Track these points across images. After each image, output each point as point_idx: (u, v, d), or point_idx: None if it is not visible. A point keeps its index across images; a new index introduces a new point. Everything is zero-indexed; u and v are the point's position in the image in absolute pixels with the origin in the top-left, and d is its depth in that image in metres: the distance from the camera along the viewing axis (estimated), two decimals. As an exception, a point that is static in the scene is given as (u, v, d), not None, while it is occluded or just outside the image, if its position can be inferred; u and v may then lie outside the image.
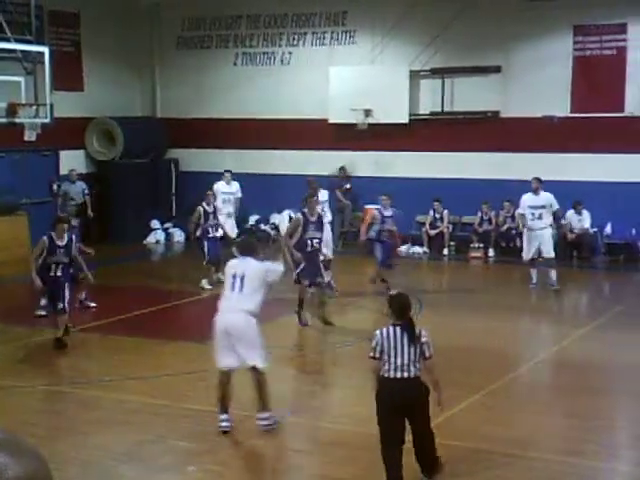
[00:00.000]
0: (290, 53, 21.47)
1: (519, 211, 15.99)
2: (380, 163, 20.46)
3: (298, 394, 10.27)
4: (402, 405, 6.76)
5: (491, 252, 19.21)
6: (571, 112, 18.90)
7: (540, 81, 18.91)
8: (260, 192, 20.68)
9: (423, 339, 6.86)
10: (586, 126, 18.65)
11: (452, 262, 19.34)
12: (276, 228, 15.90)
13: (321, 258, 12.83)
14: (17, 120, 16.53)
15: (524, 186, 16.44)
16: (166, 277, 17.37)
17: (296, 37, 21.38)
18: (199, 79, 22.14)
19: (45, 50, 16.97)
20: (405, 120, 19.87)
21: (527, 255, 15.53)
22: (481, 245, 19.27)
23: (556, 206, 15.51)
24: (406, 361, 6.75)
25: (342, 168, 20.56)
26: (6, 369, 10.86)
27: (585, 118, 18.68)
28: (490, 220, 19.39)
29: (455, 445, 8.08)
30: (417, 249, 19.71)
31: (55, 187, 19.79)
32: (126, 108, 21.88)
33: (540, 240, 15.28)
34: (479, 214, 19.47)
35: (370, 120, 19.97)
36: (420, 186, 19.75)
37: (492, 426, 8.62)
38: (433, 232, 19.67)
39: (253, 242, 9.00)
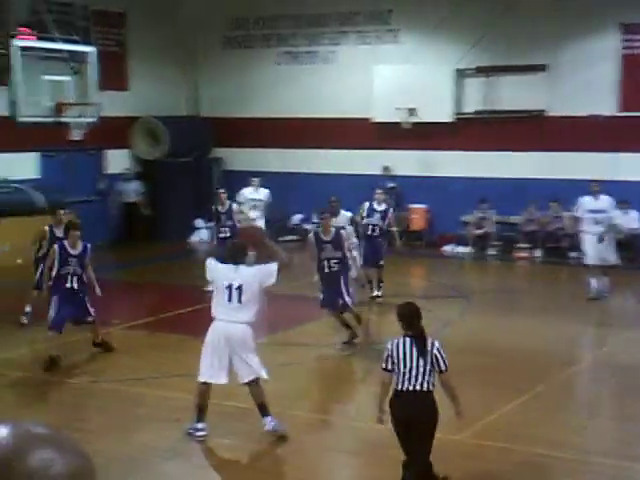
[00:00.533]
0: (333, 52, 21.42)
1: (576, 214, 15.15)
2: (424, 162, 20.33)
3: (341, 394, 10.21)
4: (409, 419, 6.51)
5: (537, 253, 18.96)
6: (618, 111, 18.62)
7: (586, 80, 18.66)
8: (304, 191, 20.65)
9: (435, 351, 6.55)
10: (633, 125, 18.36)
11: (497, 262, 19.15)
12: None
13: (353, 275, 12.07)
14: (64, 119, 16.68)
15: (570, 186, 16.21)
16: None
17: (339, 36, 21.32)
18: (242, 78, 22.18)
19: (91, 50, 17.12)
20: (450, 119, 19.72)
21: (591, 260, 14.68)
22: (527, 245, 19.05)
23: (614, 209, 14.88)
24: (414, 373, 6.49)
25: (386, 168, 20.47)
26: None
27: (632, 117, 18.39)
28: (536, 220, 19.16)
29: (501, 447, 7.98)
30: (462, 249, 19.55)
31: (101, 186, 19.98)
32: (170, 107, 21.98)
33: (601, 245, 14.49)
34: (525, 214, 19.25)
35: (414, 119, 19.85)
36: (465, 185, 19.60)
37: (539, 428, 8.48)
38: (478, 232, 19.49)
39: (243, 245, 8.33)
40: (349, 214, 13.90)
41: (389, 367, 6.60)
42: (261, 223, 17.31)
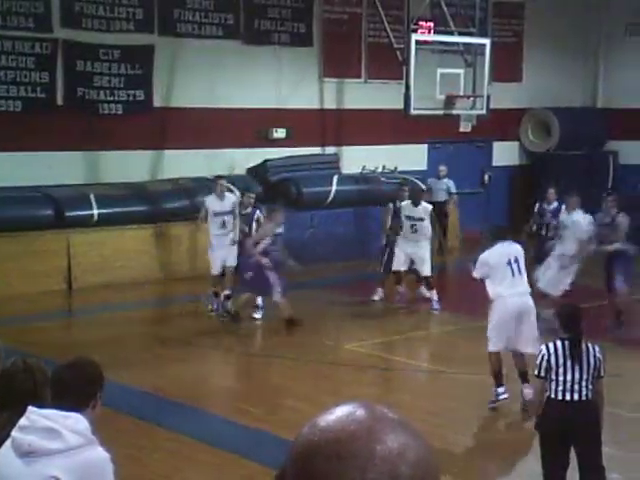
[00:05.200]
0: None
1: None
2: None
3: None
4: (568, 432, 5.90)
5: None
6: None
7: None
8: None
9: (598, 355, 6.15)
10: None
11: None
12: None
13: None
14: (454, 112, 16.98)
15: None
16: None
17: None
18: (647, 66, 20.92)
19: (487, 42, 17.16)
20: None
21: None
22: None
23: None
24: (570, 380, 5.95)
25: None
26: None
27: None
28: None
29: None
30: None
31: (486, 178, 20.05)
32: (565, 98, 21.37)
33: None
34: None
35: None
36: None
37: None
38: None
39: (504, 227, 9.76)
40: (430, 207, 13.36)
41: (542, 374, 6.10)
42: None
